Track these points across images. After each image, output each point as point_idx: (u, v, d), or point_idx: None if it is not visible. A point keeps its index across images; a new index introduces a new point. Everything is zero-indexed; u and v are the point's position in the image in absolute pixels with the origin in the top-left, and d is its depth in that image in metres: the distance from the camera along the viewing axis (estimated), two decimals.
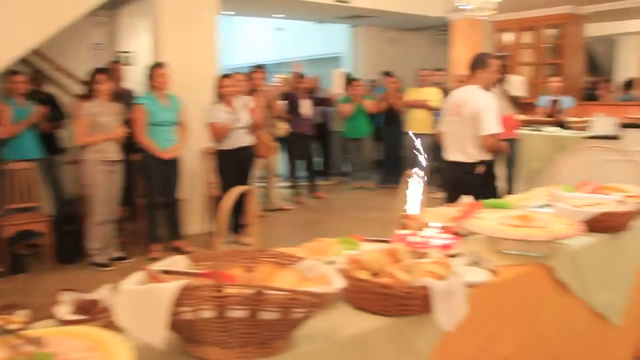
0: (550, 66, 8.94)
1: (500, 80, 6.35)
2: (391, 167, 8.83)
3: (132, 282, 1.45)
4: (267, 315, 1.32)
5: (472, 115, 4.00)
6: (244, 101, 5.69)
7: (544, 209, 2.86)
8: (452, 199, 2.93)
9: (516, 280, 2.12)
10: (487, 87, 4.13)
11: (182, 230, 5.67)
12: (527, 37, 9.20)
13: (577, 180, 3.41)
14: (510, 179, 6.45)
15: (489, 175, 4.13)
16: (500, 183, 6.33)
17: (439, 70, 8.78)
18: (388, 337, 1.63)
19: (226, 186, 5.54)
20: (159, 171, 5.24)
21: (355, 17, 9.72)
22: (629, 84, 9.42)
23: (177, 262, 1.63)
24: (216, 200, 5.94)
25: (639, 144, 6.19)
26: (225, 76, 5.63)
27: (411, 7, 9.02)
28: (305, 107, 7.76)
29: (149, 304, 1.32)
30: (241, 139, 5.57)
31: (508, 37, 9.31)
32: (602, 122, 6.66)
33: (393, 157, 8.84)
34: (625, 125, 6.51)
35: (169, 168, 5.30)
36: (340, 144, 9.13)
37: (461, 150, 4.09)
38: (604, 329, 2.80)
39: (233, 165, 5.55)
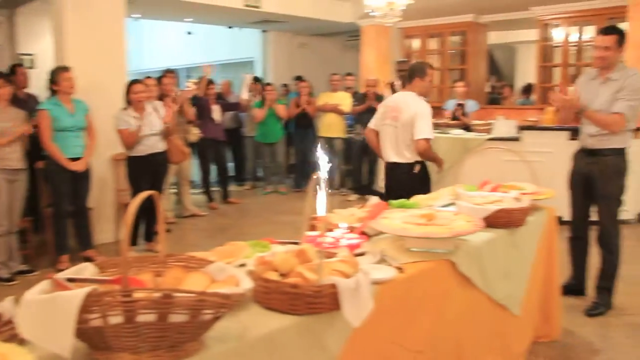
0: (456, 71, 9.33)
1: (403, 86, 6.59)
2: (304, 172, 8.94)
3: (37, 292, 1.42)
4: (176, 317, 1.33)
5: (409, 120, 4.20)
6: (155, 106, 5.56)
7: (448, 208, 3.00)
8: (394, 198, 3.15)
9: (421, 275, 2.22)
10: (422, 94, 4.34)
11: (93, 240, 5.48)
12: (433, 44, 9.56)
13: (480, 180, 3.61)
14: None
15: (425, 174, 4.42)
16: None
17: (349, 75, 8.96)
18: (298, 336, 1.68)
19: (137, 193, 5.39)
20: (67, 179, 5.04)
21: (266, 22, 9.76)
22: (527, 89, 9.98)
23: (84, 269, 1.61)
24: (126, 207, 5.80)
25: (536, 145, 6.59)
26: (136, 81, 5.48)
27: (321, 13, 9.16)
28: (216, 112, 7.71)
29: (54, 313, 1.30)
30: (153, 145, 5.43)
31: (415, 43, 9.64)
32: (503, 124, 7.03)
33: (305, 162, 8.95)
34: (524, 128, 6.90)
35: (78, 175, 5.12)
36: (253, 149, 9.12)
37: (398, 152, 4.31)
38: (505, 318, 2.98)
39: (145, 172, 5.40)
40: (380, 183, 8.32)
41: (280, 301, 1.70)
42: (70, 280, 1.53)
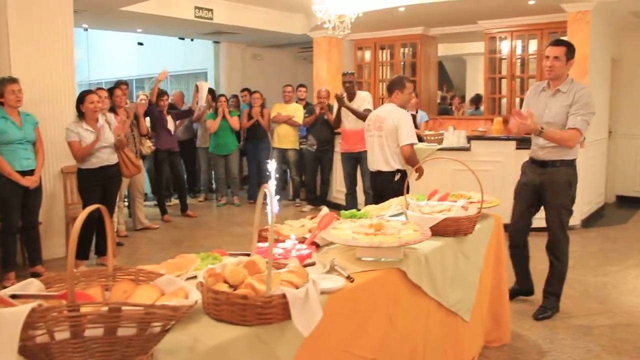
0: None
1: (352, 97, 6.69)
2: (258, 183, 8.94)
3: None
4: (125, 331, 1.33)
5: (392, 128, 4.67)
6: (107, 118, 5.49)
7: (397, 218, 3.06)
8: (378, 203, 3.77)
9: (371, 284, 2.26)
10: (402, 106, 4.81)
11: (42, 255, 5.34)
12: (384, 55, 9.71)
13: (431, 189, 3.69)
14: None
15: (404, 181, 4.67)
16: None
17: (302, 86, 9.03)
18: (249, 346, 1.68)
19: (88, 204, 5.30)
20: (17, 193, 4.92)
21: (218, 33, 9.74)
22: (477, 100, 10.23)
23: (29, 285, 1.59)
24: (73, 222, 5.69)
25: (485, 154, 6.76)
26: (90, 92, 5.36)
27: (273, 25, 9.20)
28: (170, 123, 7.65)
29: None
30: (105, 158, 5.33)
31: (367, 55, 9.77)
32: (453, 135, 7.19)
33: (259, 173, 8.95)
34: (474, 138, 7.08)
35: (29, 190, 4.99)
36: (207, 160, 9.07)
37: (385, 160, 4.75)
38: (456, 324, 3.05)
39: (96, 185, 5.30)
40: (335, 194, 8.40)
41: (230, 312, 1.71)
42: (15, 296, 1.51)
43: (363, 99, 6.68)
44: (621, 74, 8.57)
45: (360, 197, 6.98)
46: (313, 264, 2.18)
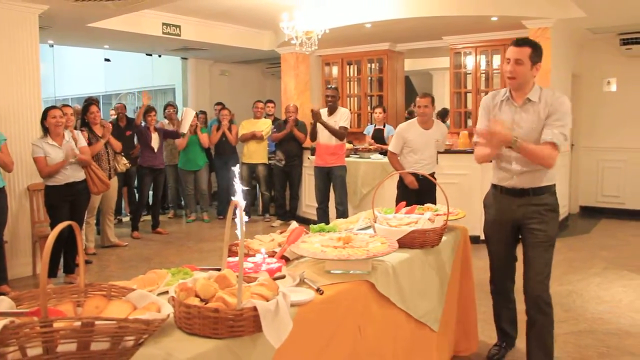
0: (374, 97, 9.61)
1: (333, 111, 6.75)
2: (227, 199, 8.94)
3: None
4: (98, 345, 1.35)
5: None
6: (74, 135, 5.47)
7: (366, 231, 3.11)
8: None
9: (340, 296, 2.30)
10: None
11: (7, 274, 5.25)
12: (351, 70, 9.83)
13: (391, 204, 3.76)
14: (343, 203, 6.82)
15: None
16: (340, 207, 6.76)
17: (270, 102, 9.08)
18: (221, 359, 1.71)
19: (56, 224, 5.23)
20: None
21: (185, 49, 9.75)
22: (443, 114, 10.39)
23: (1, 302, 1.60)
24: (44, 240, 5.63)
25: (452, 167, 6.89)
26: (52, 108, 5.33)
27: (241, 41, 9.24)
28: (155, 141, 7.63)
29: None
30: (71, 174, 5.30)
31: (334, 70, 9.87)
32: None
33: (228, 189, 8.94)
34: (440, 152, 7.18)
35: None
36: (175, 177, 9.03)
37: None
38: (425, 334, 3.10)
39: (64, 202, 5.27)
40: (305, 208, 8.44)
41: (202, 326, 1.73)
42: None
43: (342, 116, 6.74)
44: (581, 88, 8.83)
45: (332, 211, 7.03)
46: (283, 277, 2.22)
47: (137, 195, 8.45)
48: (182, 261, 5.90)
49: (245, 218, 2.13)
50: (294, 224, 2.90)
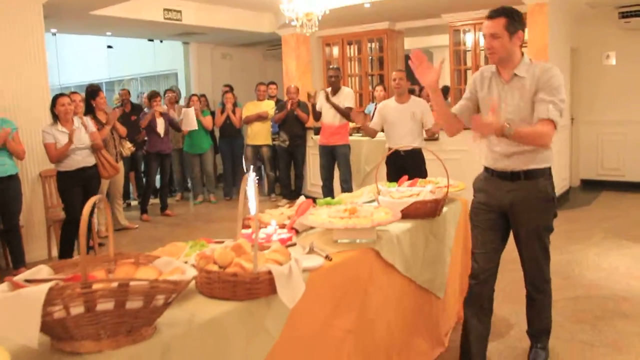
0: (375, 76, 9.71)
1: (336, 91, 6.88)
2: (232, 180, 9.11)
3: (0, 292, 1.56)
4: (132, 304, 1.50)
5: None
6: (84, 121, 5.61)
7: (371, 204, 3.26)
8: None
9: (348, 263, 2.46)
10: None
11: (25, 258, 5.44)
12: (351, 51, 9.92)
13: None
14: (347, 180, 6.98)
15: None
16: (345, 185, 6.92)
17: (272, 83, 9.20)
18: (240, 319, 1.87)
19: (70, 208, 5.44)
20: None
21: (187, 34, 9.84)
22: (444, 91, 10.48)
23: (39, 271, 1.75)
24: (58, 224, 5.79)
25: (454, 143, 7.01)
26: (60, 95, 5.48)
27: (241, 24, 9.33)
28: (160, 126, 7.78)
29: (21, 308, 1.43)
30: (82, 160, 5.46)
31: (335, 51, 9.97)
32: None
33: (233, 170, 9.12)
34: (442, 128, 7.31)
35: (8, 194, 5.11)
36: (180, 160, 9.19)
37: None
38: (429, 301, 3.27)
39: (75, 186, 5.43)
40: (309, 187, 8.60)
41: (221, 289, 1.89)
42: (28, 281, 1.67)
43: (346, 96, 6.87)
44: (580, 62, 8.90)
45: (337, 189, 7.18)
46: (294, 244, 2.37)
47: (144, 180, 8.63)
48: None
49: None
50: (302, 198, 3.05)
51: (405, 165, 5.25)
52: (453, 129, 3.22)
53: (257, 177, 2.22)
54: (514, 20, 2.82)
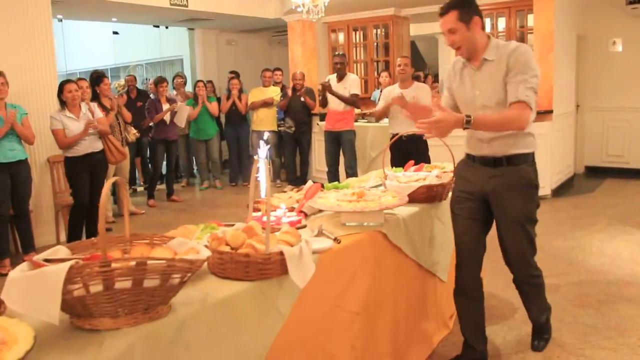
0: (380, 63, 9.72)
1: (342, 77, 6.90)
2: (238, 166, 9.16)
3: (19, 271, 1.61)
4: (149, 282, 1.55)
5: None
6: (91, 107, 5.65)
7: (377, 188, 3.30)
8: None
9: (356, 245, 2.50)
10: None
11: (34, 242, 5.50)
12: (357, 37, 9.92)
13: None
14: (352, 166, 7.04)
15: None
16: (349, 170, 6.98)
17: (278, 69, 9.21)
18: (252, 299, 1.92)
19: (78, 193, 5.49)
20: (5, 183, 5.07)
21: (193, 20, 9.85)
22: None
23: (58, 251, 1.80)
24: (67, 209, 5.85)
25: (459, 130, 7.03)
26: (68, 81, 5.52)
27: (248, 10, 9.33)
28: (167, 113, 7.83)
29: (42, 286, 1.48)
30: (89, 145, 5.50)
31: (340, 37, 9.97)
32: None
33: (239, 156, 9.16)
34: None
35: (19, 179, 5.16)
36: (185, 147, 9.23)
37: None
38: (434, 284, 3.32)
39: (83, 172, 5.48)
40: (315, 173, 8.64)
41: (234, 270, 1.94)
42: (47, 260, 1.72)
43: (352, 82, 6.90)
44: (586, 49, 8.88)
45: (342, 175, 7.23)
46: (304, 226, 2.42)
47: (150, 165, 8.69)
48: None
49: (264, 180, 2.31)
50: (310, 182, 3.10)
51: (409, 150, 5.28)
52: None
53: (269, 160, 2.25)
54: (465, 8, 2.76)
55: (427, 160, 4.93)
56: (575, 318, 3.63)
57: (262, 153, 2.39)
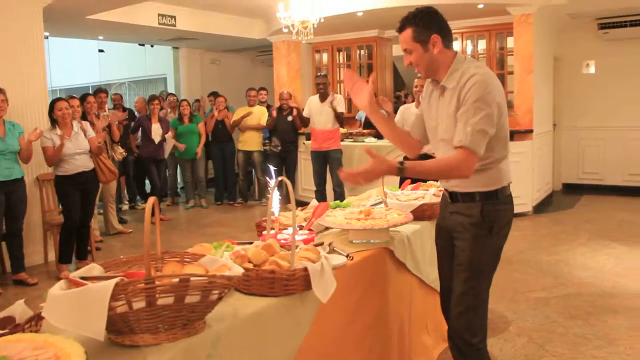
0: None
1: (325, 97, 7.04)
2: (223, 185, 9.22)
3: (58, 288, 1.67)
4: (191, 299, 1.63)
5: None
6: (83, 126, 5.65)
7: (379, 206, 3.42)
8: None
9: (366, 262, 2.60)
10: None
11: (24, 262, 5.46)
12: (341, 57, 10.09)
13: (395, 182, 4.06)
14: (340, 185, 7.14)
15: None
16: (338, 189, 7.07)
17: (263, 89, 9.31)
18: (277, 314, 2.00)
19: (69, 212, 5.49)
20: (1, 201, 5.05)
21: (179, 39, 9.93)
22: (398, 99, 10.82)
23: (93, 269, 1.87)
24: (56, 228, 5.82)
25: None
26: (56, 100, 5.51)
27: (233, 30, 9.45)
28: (155, 132, 7.85)
29: (88, 302, 1.54)
30: (81, 164, 5.49)
31: (324, 57, 10.12)
32: None
33: (225, 175, 9.21)
34: None
35: (14, 197, 5.15)
36: (173, 164, 9.27)
37: None
38: (434, 299, 3.39)
39: (75, 191, 5.48)
40: (301, 192, 8.73)
41: (259, 286, 2.02)
42: (84, 278, 1.79)
43: (339, 101, 7.08)
44: (562, 71, 9.21)
45: (330, 194, 7.33)
46: (321, 244, 2.51)
47: (134, 184, 8.74)
48: (189, 244, 6.10)
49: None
50: (314, 202, 3.20)
51: None
52: (411, 149, 2.80)
53: (247, 183, 2.34)
54: (420, 27, 2.38)
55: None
56: (566, 329, 3.77)
57: (273, 175, 2.50)
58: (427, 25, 2.39)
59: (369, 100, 2.64)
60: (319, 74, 7.42)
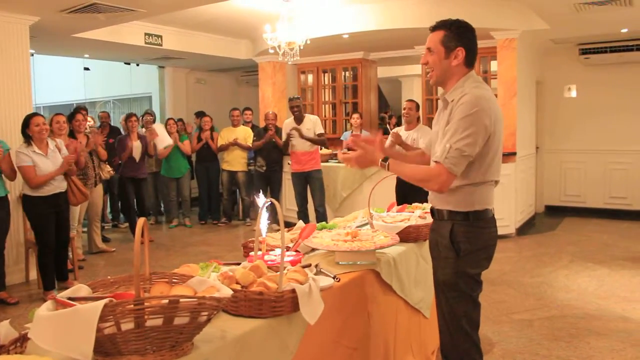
0: (349, 104, 9.97)
1: (301, 120, 7.09)
2: (208, 204, 9.19)
3: (45, 309, 1.66)
4: (180, 320, 1.62)
5: None
6: (57, 144, 5.43)
7: (364, 227, 3.43)
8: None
9: (352, 283, 2.61)
10: None
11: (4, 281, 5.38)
12: (326, 78, 10.17)
13: (383, 203, 4.09)
14: (322, 205, 7.15)
15: None
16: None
17: (248, 109, 9.33)
18: (265, 335, 2.00)
19: (44, 233, 5.30)
20: None
21: (165, 58, 9.95)
22: (382, 120, 10.94)
23: (80, 289, 1.85)
24: (33, 247, 5.68)
25: None
26: (34, 115, 5.21)
27: (220, 50, 9.48)
28: (136, 150, 7.80)
29: (76, 324, 1.53)
30: (57, 185, 5.27)
31: (309, 78, 10.20)
32: None
33: (209, 194, 9.19)
34: None
35: None
36: (154, 184, 9.21)
37: None
38: (419, 320, 3.45)
39: (50, 213, 5.29)
40: (285, 212, 8.72)
41: (248, 307, 2.02)
42: (71, 299, 1.78)
43: (314, 123, 7.09)
44: (544, 94, 9.37)
45: (311, 214, 7.33)
46: (309, 265, 2.51)
47: (119, 203, 8.67)
48: (172, 264, 6.10)
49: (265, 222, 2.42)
50: (300, 223, 3.21)
51: (412, 190, 5.30)
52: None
53: (231, 203, 2.34)
54: (453, 34, 2.43)
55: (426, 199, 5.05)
56: (549, 351, 3.80)
57: (262, 198, 2.51)
58: (459, 36, 2.44)
59: (384, 149, 2.59)
60: (291, 97, 7.39)
